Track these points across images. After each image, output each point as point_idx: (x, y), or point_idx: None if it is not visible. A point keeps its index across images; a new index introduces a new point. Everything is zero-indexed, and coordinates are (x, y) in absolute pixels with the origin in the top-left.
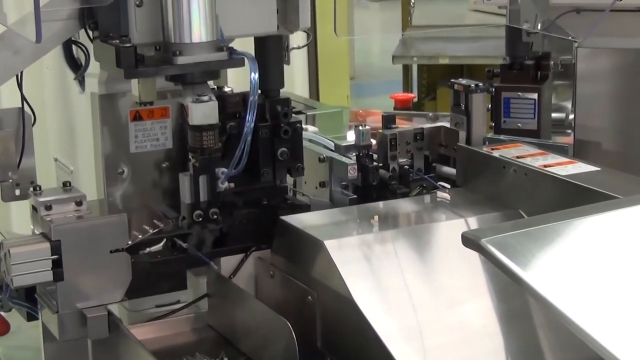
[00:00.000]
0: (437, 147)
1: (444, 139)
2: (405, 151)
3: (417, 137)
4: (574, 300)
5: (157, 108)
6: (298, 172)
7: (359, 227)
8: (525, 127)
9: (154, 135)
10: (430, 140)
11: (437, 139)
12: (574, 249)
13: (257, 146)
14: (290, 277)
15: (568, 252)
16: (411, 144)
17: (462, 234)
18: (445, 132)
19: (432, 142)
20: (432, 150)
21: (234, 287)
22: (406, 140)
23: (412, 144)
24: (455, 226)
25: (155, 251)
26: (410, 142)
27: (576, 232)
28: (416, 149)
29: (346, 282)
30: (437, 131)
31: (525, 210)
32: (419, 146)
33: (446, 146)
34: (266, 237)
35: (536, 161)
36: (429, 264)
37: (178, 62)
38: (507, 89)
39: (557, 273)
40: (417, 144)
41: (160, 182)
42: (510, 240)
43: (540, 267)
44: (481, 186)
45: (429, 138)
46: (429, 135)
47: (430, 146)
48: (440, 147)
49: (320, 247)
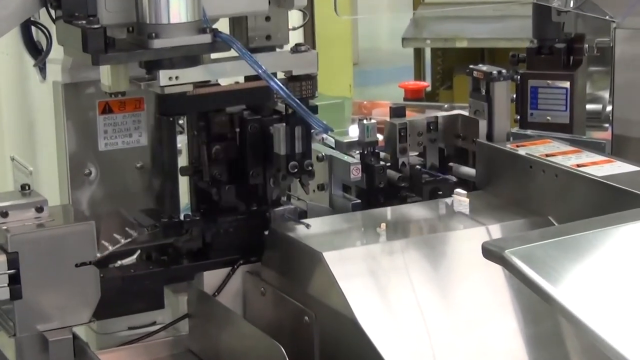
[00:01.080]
0: (453, 138)
1: (462, 130)
2: (416, 143)
3: (431, 127)
4: (612, 322)
5: (129, 99)
6: None
7: (363, 236)
8: (556, 120)
9: (126, 131)
10: (446, 130)
11: (453, 129)
12: (611, 261)
13: (245, 143)
14: (284, 295)
15: (605, 265)
16: (424, 135)
17: (483, 245)
18: (463, 122)
19: (447, 133)
20: (448, 142)
21: (219, 306)
22: (418, 130)
23: (424, 135)
24: (474, 235)
25: (128, 265)
26: (423, 132)
27: (614, 242)
28: (429, 141)
29: (348, 300)
30: (454, 120)
31: (555, 216)
32: (432, 137)
33: (464, 138)
34: (256, 248)
35: (568, 160)
36: (445, 279)
37: (154, 46)
38: (534, 77)
39: (593, 290)
40: (431, 135)
41: (133, 184)
42: (538, 252)
43: (573, 282)
44: (504, 189)
45: (444, 128)
46: (444, 125)
47: (445, 137)
48: (457, 139)
49: (318, 259)
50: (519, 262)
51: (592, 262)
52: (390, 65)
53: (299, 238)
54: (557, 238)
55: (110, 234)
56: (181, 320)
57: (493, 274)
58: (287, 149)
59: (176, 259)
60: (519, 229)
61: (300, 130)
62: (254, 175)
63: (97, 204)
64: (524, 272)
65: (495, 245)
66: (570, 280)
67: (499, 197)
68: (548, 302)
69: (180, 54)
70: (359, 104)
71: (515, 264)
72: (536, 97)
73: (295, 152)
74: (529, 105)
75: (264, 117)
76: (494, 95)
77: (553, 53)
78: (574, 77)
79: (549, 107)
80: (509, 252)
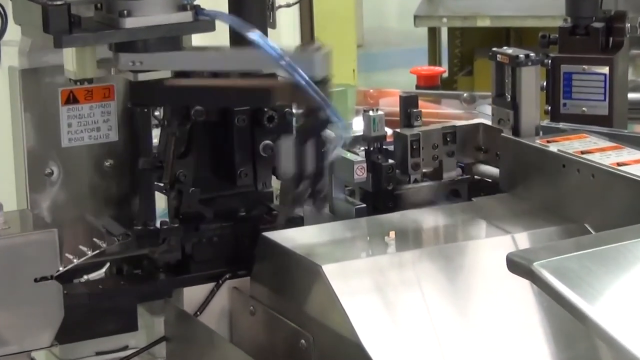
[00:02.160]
0: (474, 151)
1: (483, 141)
2: (431, 158)
3: (448, 139)
4: None
5: (97, 87)
6: None
7: (368, 246)
8: (593, 111)
9: (93, 124)
10: (465, 142)
11: (474, 141)
12: None
13: (232, 139)
14: (276, 315)
15: None
16: (439, 147)
17: (508, 256)
18: (485, 132)
19: (467, 146)
20: (467, 155)
21: (201, 328)
22: (433, 142)
23: (440, 148)
24: (498, 245)
25: (96, 279)
26: (439, 145)
27: None
28: (446, 154)
29: (351, 320)
30: (474, 130)
31: (592, 223)
32: (449, 150)
33: (486, 151)
34: (244, 260)
35: (607, 158)
36: (463, 297)
37: (125, 26)
38: (568, 61)
39: (635, 308)
40: (447, 148)
41: (102, 186)
42: (571, 264)
43: (613, 300)
44: (533, 191)
45: (464, 140)
46: (463, 136)
47: (465, 150)
48: (478, 152)
49: (316, 273)
50: (549, 277)
51: (635, 276)
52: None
53: (294, 249)
54: (594, 248)
55: (75, 244)
56: (157, 344)
57: (519, 290)
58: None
59: (151, 273)
60: (549, 237)
61: (313, 146)
62: (242, 175)
63: (59, 209)
64: (555, 288)
65: (522, 256)
66: (609, 298)
67: (527, 200)
68: (583, 323)
69: (156, 35)
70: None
71: (545, 279)
72: (570, 85)
73: (305, 172)
74: (561, 95)
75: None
76: (520, 83)
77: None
78: (614, 62)
79: (584, 96)
80: (537, 264)
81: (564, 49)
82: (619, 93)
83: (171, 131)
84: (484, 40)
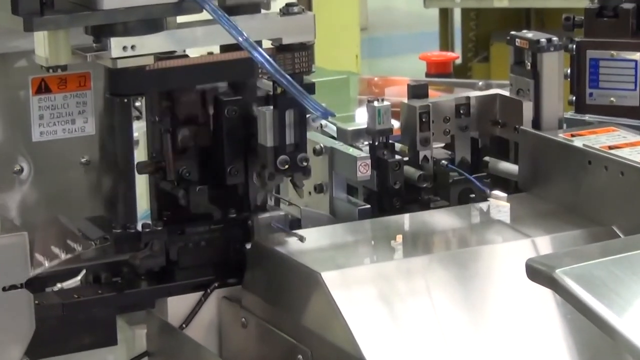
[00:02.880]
0: (490, 126)
1: (501, 114)
2: (442, 132)
3: (461, 111)
4: None
5: (72, 75)
6: None
7: (373, 251)
8: (622, 102)
9: (67, 116)
10: (480, 115)
11: (490, 113)
12: None
13: (221, 132)
14: (270, 327)
15: None
16: (452, 120)
17: (527, 263)
18: (502, 103)
19: (482, 119)
20: (482, 131)
21: (187, 342)
22: (444, 115)
23: (452, 121)
24: (516, 250)
25: (71, 288)
26: (451, 118)
27: None
28: (459, 129)
29: (353, 333)
30: (491, 102)
31: (620, 226)
32: (463, 124)
33: (503, 125)
34: (235, 267)
35: (638, 153)
36: (478, 307)
37: (103, 7)
38: (594, 46)
39: None
40: (461, 121)
41: (77, 185)
42: (598, 272)
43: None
44: (555, 191)
45: (479, 112)
46: (478, 109)
47: (480, 125)
48: (495, 127)
49: (315, 281)
50: (573, 285)
51: None
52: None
53: (290, 254)
54: (623, 254)
55: (48, 248)
56: (139, 359)
57: (540, 300)
58: (276, 139)
59: (132, 282)
60: (573, 241)
61: (293, 115)
62: (232, 172)
63: (30, 210)
64: (580, 298)
65: (544, 263)
66: (638, 308)
67: (548, 201)
68: (610, 335)
69: (137, 17)
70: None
71: (568, 287)
72: (597, 73)
73: (285, 143)
74: (587, 83)
75: (246, 97)
76: (542, 70)
77: (619, 15)
78: None
79: (613, 85)
80: (560, 271)
81: (591, 33)
82: None
83: (164, 128)
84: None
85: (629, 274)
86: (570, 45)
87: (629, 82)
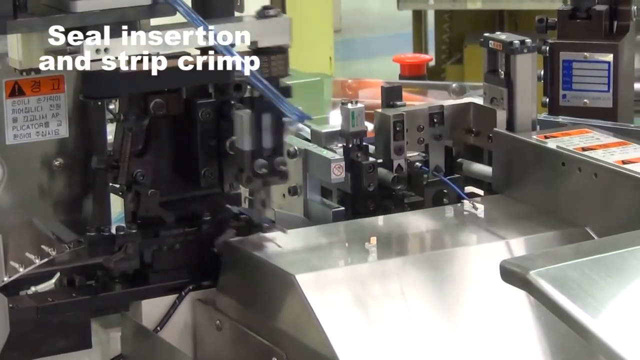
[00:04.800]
0: (463, 134)
1: (475, 123)
2: (416, 141)
3: (435, 120)
4: None
5: (45, 78)
6: None
7: (347, 254)
8: (596, 104)
9: (41, 119)
10: (454, 124)
11: (464, 122)
12: None
13: (195, 134)
14: (245, 330)
15: None
16: (425, 129)
17: (502, 264)
18: (476, 112)
19: (456, 127)
20: (456, 139)
21: (162, 345)
22: (418, 124)
23: (426, 130)
24: (490, 252)
25: (45, 291)
26: (425, 126)
27: None
28: (433, 138)
29: (328, 336)
30: (464, 110)
31: (594, 227)
32: (436, 133)
33: (477, 134)
34: (209, 270)
35: (611, 155)
36: (452, 309)
37: (77, 9)
38: (568, 48)
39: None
40: (435, 130)
41: (50, 188)
42: (572, 273)
43: (617, 313)
44: (529, 192)
45: (452, 121)
46: (451, 117)
47: (453, 133)
48: (468, 135)
49: (289, 284)
50: (547, 287)
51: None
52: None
53: (264, 257)
54: (597, 256)
55: (21, 252)
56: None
57: (514, 302)
58: (253, 143)
59: (106, 285)
60: (547, 243)
61: (270, 119)
62: (206, 175)
63: (3, 213)
64: (554, 299)
65: (518, 264)
66: (613, 310)
67: (522, 202)
68: (584, 337)
69: (110, 20)
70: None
71: (542, 289)
72: (570, 74)
73: (263, 147)
74: (560, 85)
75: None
76: (515, 72)
77: (592, 17)
78: (619, 49)
79: (586, 86)
80: (534, 273)
81: (564, 35)
82: (624, 83)
83: (128, 126)
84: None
85: (602, 275)
86: (544, 47)
87: (602, 84)
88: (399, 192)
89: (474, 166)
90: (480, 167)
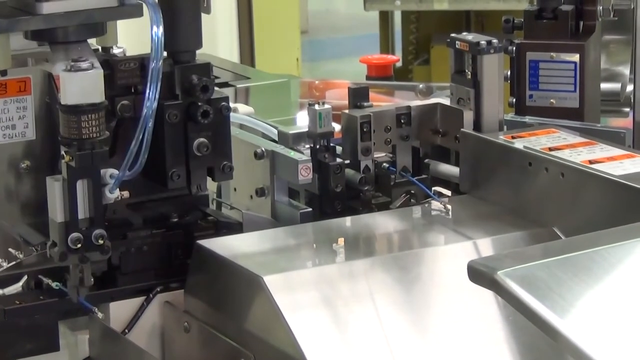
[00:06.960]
0: (430, 135)
1: (441, 123)
2: (384, 142)
3: (402, 121)
4: None
5: (12, 80)
6: (225, 174)
7: (315, 255)
8: (562, 104)
9: (7, 121)
10: (421, 124)
11: (431, 122)
12: (633, 284)
13: (164, 136)
14: (213, 331)
15: (625, 289)
16: (393, 130)
17: (469, 264)
18: (443, 113)
19: (423, 128)
20: (423, 140)
21: (130, 347)
22: (386, 125)
23: (394, 131)
24: (458, 252)
25: (12, 294)
26: (392, 127)
27: (636, 259)
28: (400, 139)
29: (296, 337)
30: (431, 111)
31: (561, 227)
32: (404, 134)
33: (445, 134)
34: (177, 271)
35: (578, 155)
36: (420, 310)
37: (43, 11)
38: (534, 48)
39: (609, 321)
40: (402, 131)
41: (17, 190)
42: (539, 273)
43: (585, 312)
44: (497, 193)
45: (419, 122)
46: (418, 118)
47: (420, 134)
48: (435, 136)
49: (257, 285)
50: (515, 287)
51: (609, 285)
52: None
53: (232, 258)
54: (564, 255)
55: None
56: None
57: (482, 302)
58: (66, 214)
59: None
60: (515, 243)
61: (86, 186)
62: (173, 177)
63: None
64: (521, 300)
65: (485, 264)
66: (581, 310)
67: (490, 202)
68: (552, 337)
69: (77, 22)
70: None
71: (510, 289)
72: (536, 75)
73: (78, 218)
74: (527, 85)
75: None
76: (482, 72)
77: (558, 17)
78: (585, 48)
79: (553, 87)
80: (502, 273)
81: (530, 35)
82: (590, 83)
83: None
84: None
85: (570, 275)
86: (510, 47)
87: (569, 84)
88: (367, 193)
89: (441, 167)
90: (448, 167)
